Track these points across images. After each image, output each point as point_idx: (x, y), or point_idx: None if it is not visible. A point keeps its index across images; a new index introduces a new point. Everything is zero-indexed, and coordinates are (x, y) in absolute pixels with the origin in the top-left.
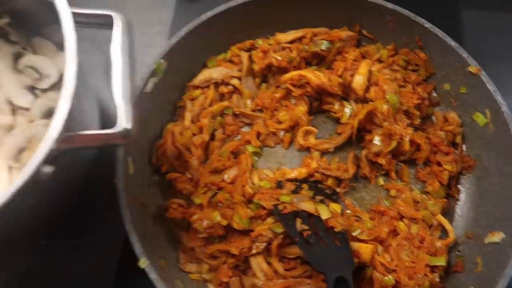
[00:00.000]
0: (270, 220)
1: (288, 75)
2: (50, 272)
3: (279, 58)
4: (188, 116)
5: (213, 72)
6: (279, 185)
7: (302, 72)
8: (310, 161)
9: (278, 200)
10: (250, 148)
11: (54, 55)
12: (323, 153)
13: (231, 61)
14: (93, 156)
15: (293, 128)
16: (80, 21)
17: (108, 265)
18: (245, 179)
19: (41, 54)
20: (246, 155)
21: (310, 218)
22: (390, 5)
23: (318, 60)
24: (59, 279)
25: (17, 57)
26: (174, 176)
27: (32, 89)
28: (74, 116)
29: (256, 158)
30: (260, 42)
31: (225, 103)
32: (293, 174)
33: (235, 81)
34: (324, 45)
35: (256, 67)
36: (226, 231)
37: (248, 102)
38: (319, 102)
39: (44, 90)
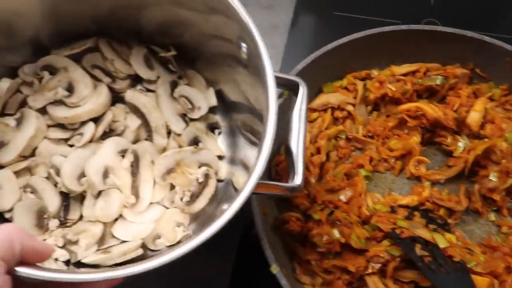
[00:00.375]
0: (385, 242)
1: (404, 106)
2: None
3: (393, 89)
4: (307, 136)
5: (331, 97)
6: (392, 210)
7: (419, 104)
8: (421, 190)
9: (395, 224)
10: (363, 172)
11: (204, 89)
12: (433, 183)
13: (346, 88)
14: None
15: (404, 156)
16: None
17: (225, 266)
18: (361, 201)
19: (193, 86)
20: (360, 178)
21: (427, 245)
22: (509, 47)
23: (429, 93)
24: (178, 275)
25: (173, 85)
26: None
27: (184, 116)
28: None
29: (367, 181)
30: (375, 72)
31: (340, 127)
32: (405, 201)
33: (349, 107)
34: (439, 80)
35: (372, 96)
36: (341, 248)
37: (360, 128)
38: (431, 134)
39: (193, 120)
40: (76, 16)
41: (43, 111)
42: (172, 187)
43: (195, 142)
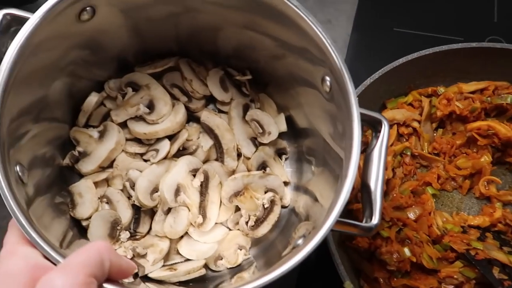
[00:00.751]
0: (458, 263)
1: (475, 124)
2: None
3: (461, 106)
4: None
5: (397, 114)
6: (463, 230)
7: (490, 123)
8: (492, 210)
9: (468, 245)
10: (430, 190)
11: (274, 114)
12: (505, 204)
13: (410, 105)
14: None
15: (473, 175)
16: None
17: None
18: (431, 220)
19: (264, 110)
20: (427, 196)
21: (504, 268)
22: None
23: (497, 112)
24: None
25: (246, 108)
26: (358, 207)
27: (254, 140)
28: None
29: (434, 200)
30: (442, 89)
31: (406, 143)
32: (476, 221)
33: (415, 124)
34: (509, 99)
35: (439, 113)
36: (410, 267)
37: (425, 145)
38: (501, 153)
39: (262, 144)
40: (158, 36)
41: (123, 125)
42: (236, 209)
43: (263, 166)
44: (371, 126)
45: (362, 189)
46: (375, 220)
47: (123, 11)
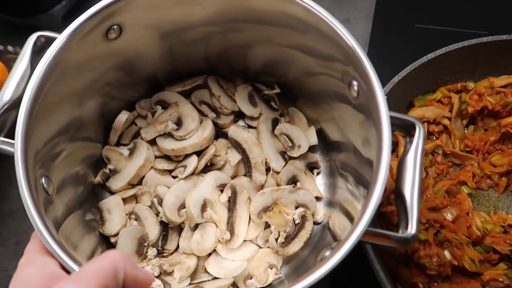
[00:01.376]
0: (502, 265)
1: (510, 119)
2: None
3: (493, 101)
4: (402, 151)
5: (426, 111)
6: (505, 230)
7: None
8: None
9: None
10: (466, 189)
11: (305, 127)
12: None
13: (439, 101)
14: None
15: (509, 172)
16: None
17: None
18: (469, 220)
19: (294, 124)
20: (463, 196)
21: None
22: None
23: None
24: None
25: (275, 123)
26: (391, 209)
27: (283, 154)
28: None
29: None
30: (471, 85)
31: (438, 141)
32: None
33: (445, 121)
34: None
35: (470, 109)
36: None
37: (457, 142)
38: None
39: (292, 158)
40: (189, 57)
41: (152, 142)
42: (266, 226)
43: (293, 181)
44: (403, 130)
45: (396, 198)
46: (412, 230)
47: (162, 34)
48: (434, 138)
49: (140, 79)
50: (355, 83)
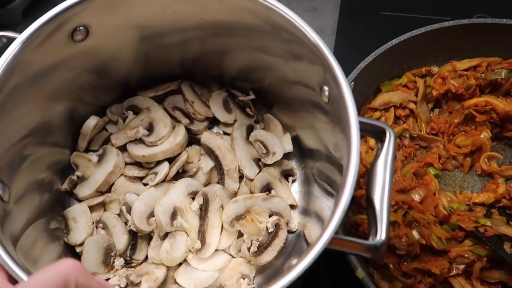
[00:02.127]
0: (468, 242)
1: (472, 101)
2: None
3: (456, 84)
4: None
5: (393, 96)
6: (469, 208)
7: (488, 98)
8: (495, 186)
9: (476, 222)
10: (432, 171)
11: (280, 134)
12: (507, 179)
13: (405, 86)
14: None
15: (473, 153)
16: None
17: None
18: (436, 200)
19: (269, 131)
20: (430, 177)
21: None
22: None
23: (491, 88)
24: None
25: (250, 129)
26: (361, 193)
27: (257, 161)
28: None
29: (436, 180)
30: (435, 69)
31: (405, 125)
32: (480, 199)
33: (412, 105)
34: (504, 74)
35: (435, 93)
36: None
37: (423, 126)
38: (499, 129)
39: (267, 165)
40: (164, 62)
41: (123, 149)
42: (240, 235)
43: (267, 188)
44: (374, 135)
45: (367, 205)
46: (382, 236)
47: (135, 36)
48: (401, 122)
49: (113, 83)
50: (326, 88)
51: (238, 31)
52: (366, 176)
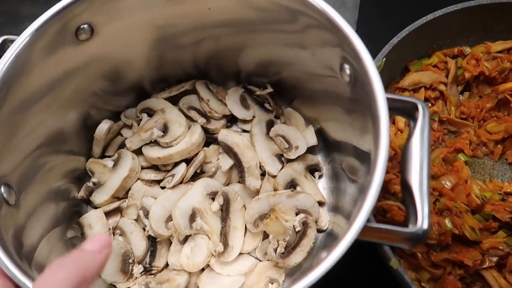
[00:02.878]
0: (502, 233)
1: (508, 85)
2: None
3: (489, 67)
4: (401, 118)
5: (423, 76)
6: (502, 198)
7: None
8: None
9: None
10: (463, 157)
11: (302, 127)
12: None
13: (435, 66)
14: None
15: (505, 140)
16: None
17: None
18: (469, 188)
19: (291, 125)
20: (461, 163)
21: None
22: None
23: None
24: None
25: (270, 125)
26: (389, 178)
27: (280, 157)
28: None
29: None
30: (468, 49)
31: (435, 108)
32: None
33: (442, 87)
34: None
35: (467, 75)
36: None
37: (453, 109)
38: None
39: (290, 161)
40: (178, 63)
41: (139, 152)
42: (265, 237)
43: (292, 185)
44: (404, 113)
45: (403, 189)
46: (424, 224)
47: (145, 36)
48: (430, 104)
49: (126, 88)
50: (346, 66)
51: (252, 26)
52: (394, 159)
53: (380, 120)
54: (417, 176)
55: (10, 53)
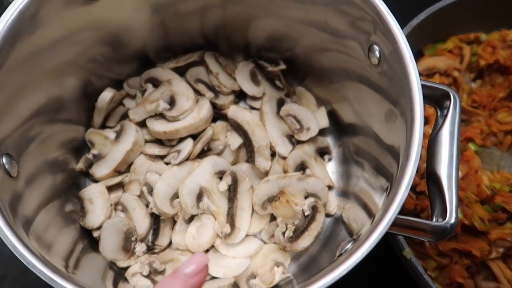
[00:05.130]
0: (509, 225)
1: None
2: None
3: (504, 55)
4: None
5: (438, 61)
6: (511, 189)
7: None
8: None
9: None
10: (473, 146)
11: (313, 108)
12: None
13: (450, 52)
14: None
15: None
16: None
17: None
18: (479, 178)
19: (302, 105)
20: (471, 153)
21: None
22: None
23: None
24: None
25: (280, 103)
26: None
27: (290, 138)
28: None
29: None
30: (484, 36)
31: None
32: None
33: (456, 73)
34: None
35: (483, 62)
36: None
37: (464, 97)
38: None
39: (300, 142)
40: (183, 31)
41: (142, 124)
42: (272, 218)
43: (301, 167)
44: (432, 101)
45: (428, 181)
46: (452, 218)
47: (153, 6)
48: None
49: (129, 55)
50: (376, 47)
51: None
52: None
53: (415, 111)
54: (446, 168)
55: (14, 8)
